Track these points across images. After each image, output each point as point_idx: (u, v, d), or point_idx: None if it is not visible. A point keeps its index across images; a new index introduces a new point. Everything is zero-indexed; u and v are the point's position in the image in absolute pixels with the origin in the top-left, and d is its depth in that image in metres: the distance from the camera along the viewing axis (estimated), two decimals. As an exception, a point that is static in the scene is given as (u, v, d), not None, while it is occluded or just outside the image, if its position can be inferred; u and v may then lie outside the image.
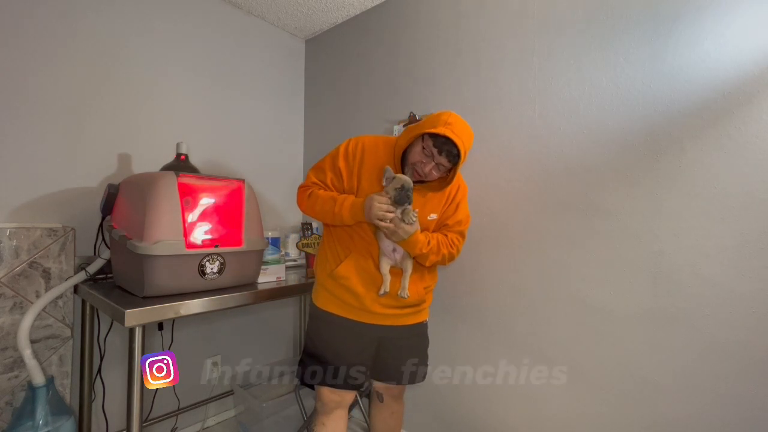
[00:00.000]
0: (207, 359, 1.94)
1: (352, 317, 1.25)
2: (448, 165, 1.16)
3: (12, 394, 1.31)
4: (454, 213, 1.28)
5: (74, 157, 1.52)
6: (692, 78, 1.12)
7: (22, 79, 1.41)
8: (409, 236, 1.14)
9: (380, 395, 1.42)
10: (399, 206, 1.12)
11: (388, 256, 1.23)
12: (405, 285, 1.23)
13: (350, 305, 1.24)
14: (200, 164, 1.76)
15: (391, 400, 1.43)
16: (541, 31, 1.43)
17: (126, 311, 1.09)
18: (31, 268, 1.35)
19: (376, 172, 1.21)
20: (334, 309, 1.27)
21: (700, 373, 1.10)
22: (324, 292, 1.29)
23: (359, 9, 2.04)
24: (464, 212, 1.30)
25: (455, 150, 1.12)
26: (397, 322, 1.28)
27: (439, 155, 1.14)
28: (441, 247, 1.22)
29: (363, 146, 1.25)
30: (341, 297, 1.25)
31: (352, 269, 1.23)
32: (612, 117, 1.27)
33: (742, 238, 1.05)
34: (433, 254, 1.20)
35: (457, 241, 1.27)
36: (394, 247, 1.22)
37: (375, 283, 1.22)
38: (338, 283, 1.24)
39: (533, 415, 1.43)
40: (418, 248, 1.17)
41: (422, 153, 1.16)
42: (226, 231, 1.38)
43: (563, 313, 1.36)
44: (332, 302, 1.27)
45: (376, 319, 1.25)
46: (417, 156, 1.17)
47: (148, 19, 1.72)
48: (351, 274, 1.22)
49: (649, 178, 1.19)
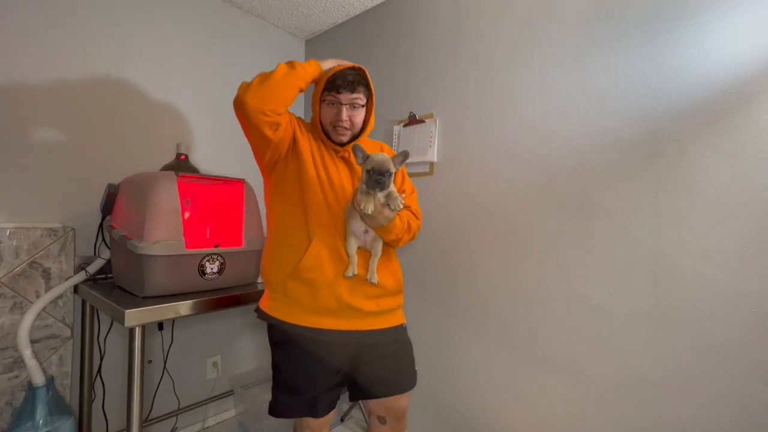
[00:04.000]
0: (207, 359, 1.94)
1: (323, 326, 1.10)
2: (361, 96, 1.10)
3: (12, 394, 1.31)
4: (404, 181, 1.26)
5: (74, 157, 1.52)
6: (692, 78, 1.12)
7: (22, 79, 1.41)
8: (389, 222, 1.06)
9: (382, 418, 1.26)
10: (376, 191, 1.02)
11: (358, 238, 1.12)
12: (373, 269, 1.12)
13: (321, 308, 1.10)
14: (200, 164, 1.76)
15: (395, 421, 1.26)
16: (541, 31, 1.43)
17: (126, 311, 1.09)
18: (31, 268, 1.35)
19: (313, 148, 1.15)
20: (297, 319, 1.10)
21: (700, 373, 1.10)
22: (283, 299, 1.12)
23: (359, 9, 2.04)
24: (409, 179, 1.29)
25: (352, 75, 1.08)
26: (375, 324, 1.16)
27: (342, 96, 1.08)
28: (411, 223, 1.15)
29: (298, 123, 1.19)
30: (308, 300, 1.10)
31: (323, 254, 1.09)
32: (612, 117, 1.27)
33: (742, 238, 1.05)
34: (406, 234, 1.13)
35: (418, 211, 1.23)
36: (366, 228, 1.11)
37: (344, 271, 1.11)
38: (304, 279, 1.08)
39: (533, 415, 1.43)
40: (395, 234, 1.09)
41: (329, 107, 1.11)
42: (226, 231, 1.38)
43: (563, 312, 1.36)
44: (295, 311, 1.11)
45: (351, 322, 1.12)
46: (327, 115, 1.12)
47: (148, 19, 1.72)
48: (321, 262, 1.08)
49: (649, 178, 1.19)
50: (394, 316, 1.22)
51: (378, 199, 1.03)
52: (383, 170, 1.01)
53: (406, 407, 1.27)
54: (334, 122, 1.12)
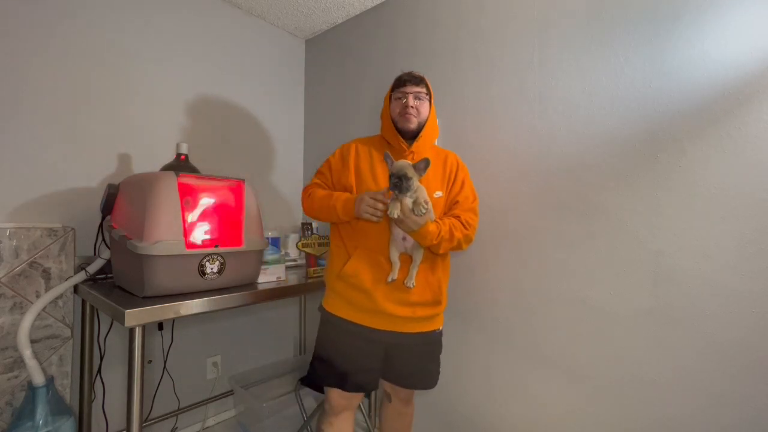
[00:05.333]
0: (207, 359, 1.94)
1: (362, 322, 1.23)
2: (423, 89, 1.26)
3: (12, 394, 1.31)
4: (461, 190, 1.28)
5: (74, 157, 1.52)
6: (692, 78, 1.12)
7: (22, 79, 1.41)
8: (420, 227, 1.12)
9: (388, 395, 1.41)
10: (401, 195, 1.10)
11: (398, 244, 1.21)
12: (412, 274, 1.20)
13: (360, 307, 1.22)
14: (200, 164, 1.76)
15: (399, 402, 1.41)
16: (541, 30, 1.43)
17: (126, 311, 1.08)
18: (31, 268, 1.35)
19: (370, 160, 1.28)
20: (343, 313, 1.26)
21: (700, 373, 1.10)
22: (333, 296, 1.29)
23: (359, 9, 2.04)
24: (472, 189, 1.32)
25: (414, 75, 1.26)
26: (409, 328, 1.24)
27: (408, 88, 1.25)
28: (454, 232, 1.19)
29: (356, 144, 1.35)
30: (350, 298, 1.23)
31: (362, 264, 1.22)
32: (612, 117, 1.27)
33: (742, 238, 1.05)
34: (445, 242, 1.18)
35: (471, 220, 1.25)
36: (404, 235, 1.19)
37: (386, 276, 1.21)
38: (347, 282, 1.23)
39: (533, 414, 1.43)
40: (429, 240, 1.15)
41: (397, 101, 1.27)
42: (226, 231, 1.38)
43: (563, 312, 1.36)
44: (341, 306, 1.26)
45: (388, 323, 1.22)
46: (396, 107, 1.27)
47: (148, 19, 1.72)
48: (360, 270, 1.21)
49: (649, 178, 1.19)
50: (431, 323, 1.29)
51: (405, 204, 1.11)
52: (400, 174, 1.09)
53: (412, 394, 1.42)
54: (402, 111, 1.25)
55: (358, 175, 1.28)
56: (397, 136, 1.27)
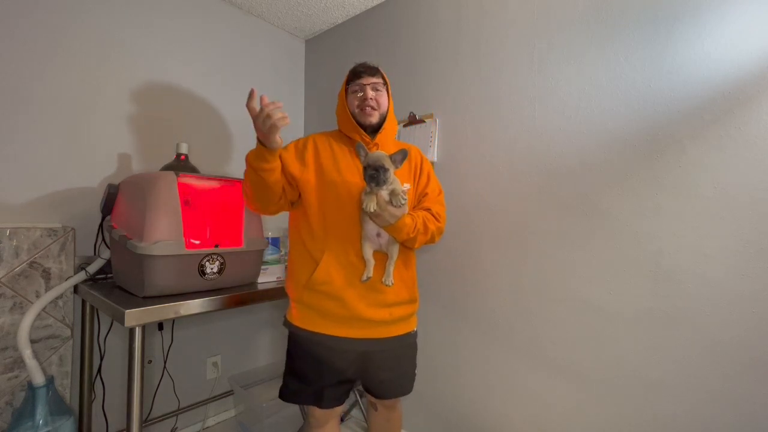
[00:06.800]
0: (207, 359, 1.94)
1: (335, 333, 1.16)
2: (379, 80, 1.21)
3: (12, 394, 1.31)
4: (428, 182, 1.27)
5: (74, 157, 1.52)
6: (692, 78, 1.12)
7: (22, 79, 1.41)
8: (397, 220, 1.08)
9: (374, 404, 1.37)
10: (378, 187, 1.04)
11: (372, 241, 1.14)
12: (390, 271, 1.16)
13: (333, 316, 1.15)
14: (200, 164, 1.76)
15: (385, 409, 1.37)
16: (541, 31, 1.43)
17: (126, 311, 1.09)
18: (31, 268, 1.35)
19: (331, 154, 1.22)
20: (313, 326, 1.17)
21: (700, 373, 1.10)
22: (300, 308, 1.20)
23: (359, 9, 2.04)
24: (437, 181, 1.31)
25: (369, 66, 1.21)
26: (385, 332, 1.20)
27: (364, 79, 1.20)
28: (428, 224, 1.17)
29: (312, 138, 1.26)
30: (321, 308, 1.16)
31: (333, 268, 1.14)
32: (612, 117, 1.27)
33: (742, 238, 1.05)
34: (421, 235, 1.15)
35: (441, 212, 1.24)
36: (378, 231, 1.13)
37: (360, 276, 1.15)
38: (317, 291, 1.15)
39: (533, 414, 1.43)
40: (405, 233, 1.11)
41: (353, 94, 1.21)
42: (226, 231, 1.38)
43: (563, 312, 1.36)
44: (311, 318, 1.18)
45: (363, 330, 1.16)
46: (354, 101, 1.21)
47: (147, 19, 1.72)
48: (332, 275, 1.13)
49: (649, 178, 1.19)
50: (406, 324, 1.26)
51: (381, 197, 1.05)
52: (377, 165, 1.04)
53: (397, 400, 1.37)
54: (362, 104, 1.20)
55: (320, 171, 1.19)
56: (359, 129, 1.20)
